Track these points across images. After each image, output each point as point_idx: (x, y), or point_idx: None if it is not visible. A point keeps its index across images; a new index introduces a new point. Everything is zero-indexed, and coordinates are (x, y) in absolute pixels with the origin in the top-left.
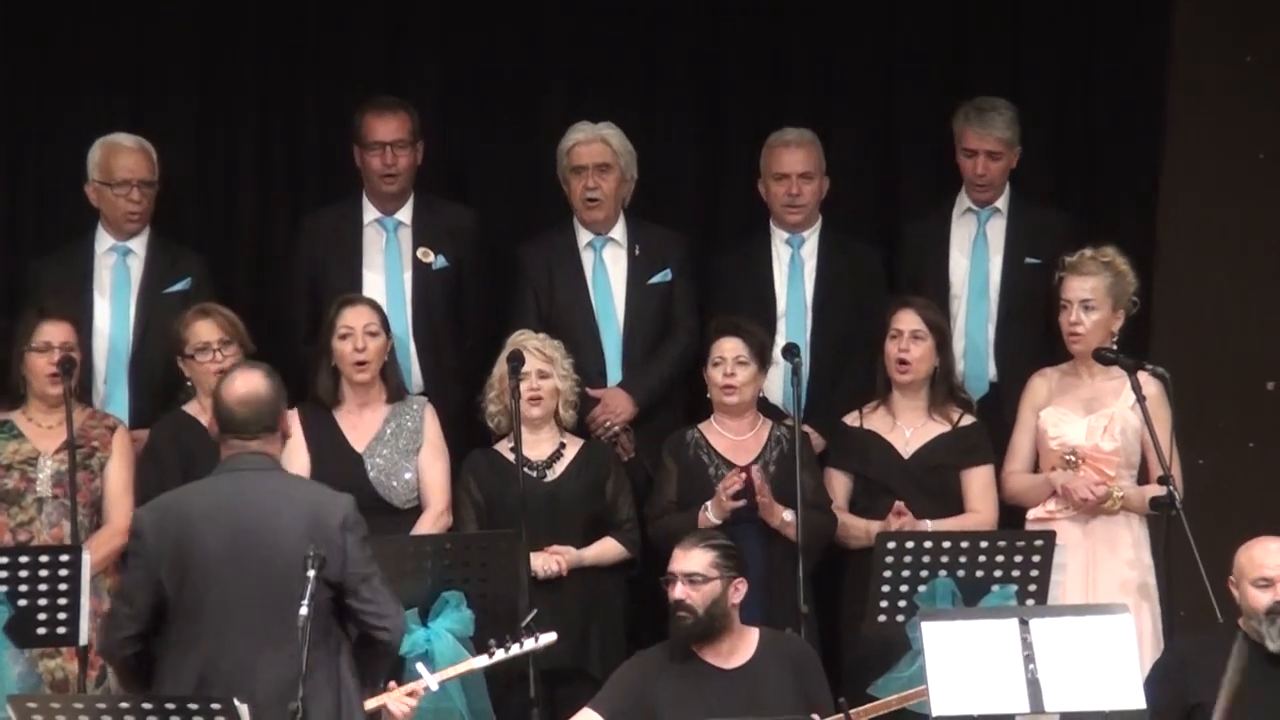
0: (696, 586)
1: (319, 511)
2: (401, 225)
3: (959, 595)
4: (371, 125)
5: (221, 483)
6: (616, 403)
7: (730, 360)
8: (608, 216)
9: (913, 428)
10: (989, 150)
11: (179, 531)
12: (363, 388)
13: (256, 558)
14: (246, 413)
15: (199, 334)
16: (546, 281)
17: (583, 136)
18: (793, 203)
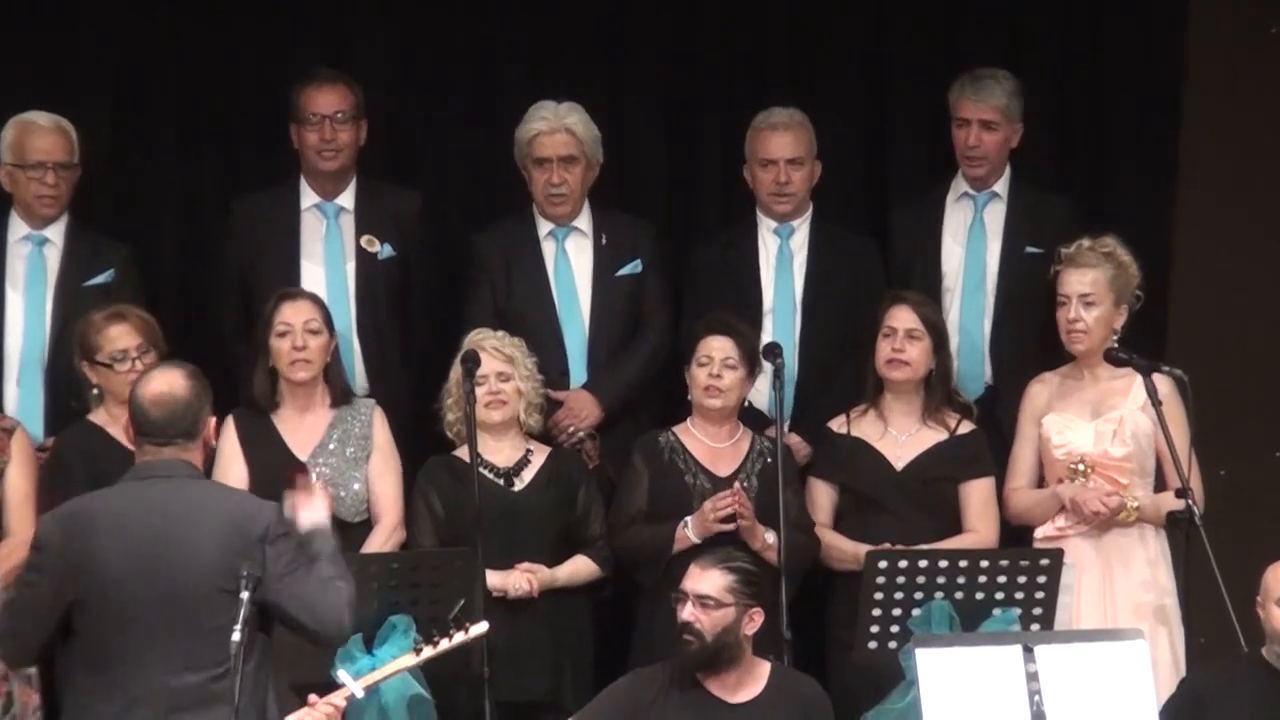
0: (707, 610)
1: (238, 523)
2: (343, 211)
3: (957, 619)
4: (309, 98)
5: (131, 491)
6: (580, 406)
7: (718, 361)
8: (573, 210)
9: (906, 435)
10: (984, 119)
11: (83, 542)
12: (304, 390)
13: (166, 574)
14: (161, 415)
15: (115, 340)
16: (504, 274)
17: (545, 126)
18: (781, 190)
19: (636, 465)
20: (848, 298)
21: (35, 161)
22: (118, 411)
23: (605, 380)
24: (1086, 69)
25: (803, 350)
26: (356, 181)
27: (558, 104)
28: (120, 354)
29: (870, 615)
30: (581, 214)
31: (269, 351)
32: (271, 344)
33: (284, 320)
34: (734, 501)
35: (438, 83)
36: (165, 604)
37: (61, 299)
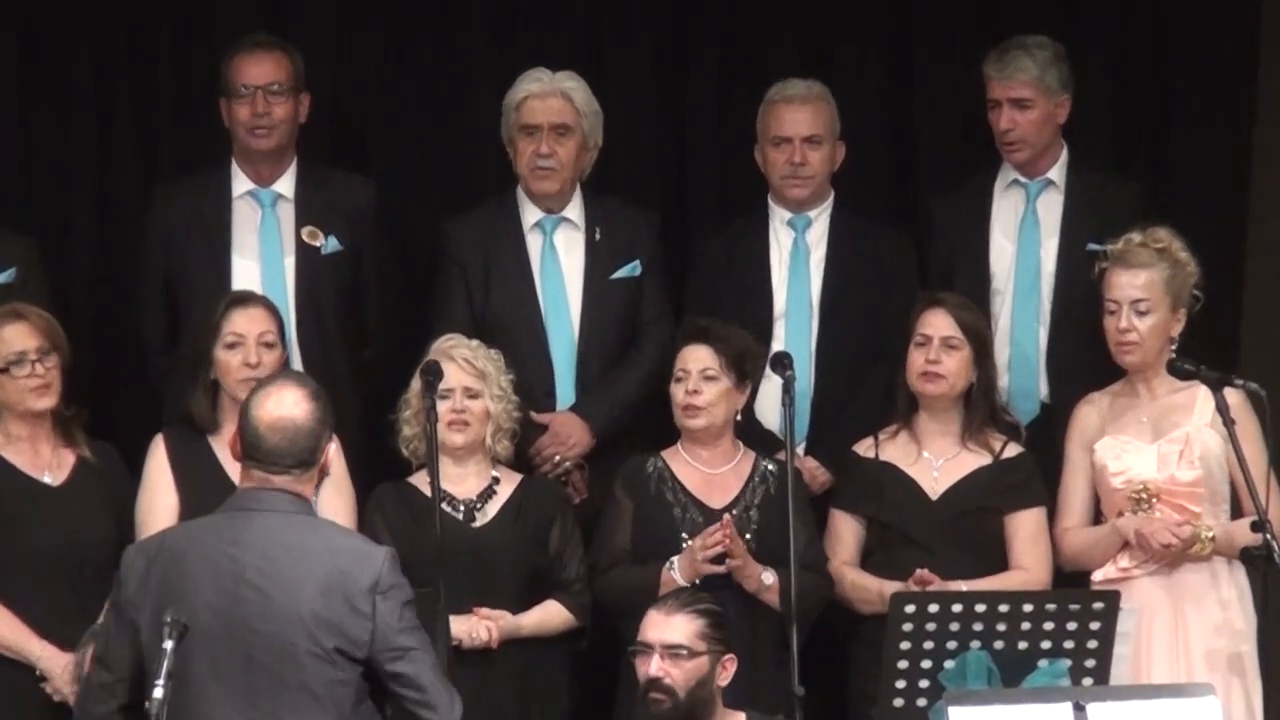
0: (678, 662)
1: (345, 569)
2: (281, 199)
3: (996, 672)
4: (240, 67)
5: (228, 524)
6: (568, 431)
7: (695, 374)
8: (561, 189)
9: (943, 460)
10: (1015, 98)
11: (167, 581)
12: None
13: (252, 625)
14: (279, 443)
15: (11, 341)
16: (481, 268)
17: (537, 89)
18: (795, 173)
19: (619, 497)
20: (873, 300)
21: None
22: (17, 429)
23: (597, 401)
24: (1146, 34)
25: (820, 361)
26: (297, 165)
27: (554, 71)
28: (17, 357)
29: (896, 667)
30: (573, 202)
31: (211, 363)
32: (217, 355)
33: (235, 330)
34: (724, 538)
35: (390, 56)
36: (252, 656)
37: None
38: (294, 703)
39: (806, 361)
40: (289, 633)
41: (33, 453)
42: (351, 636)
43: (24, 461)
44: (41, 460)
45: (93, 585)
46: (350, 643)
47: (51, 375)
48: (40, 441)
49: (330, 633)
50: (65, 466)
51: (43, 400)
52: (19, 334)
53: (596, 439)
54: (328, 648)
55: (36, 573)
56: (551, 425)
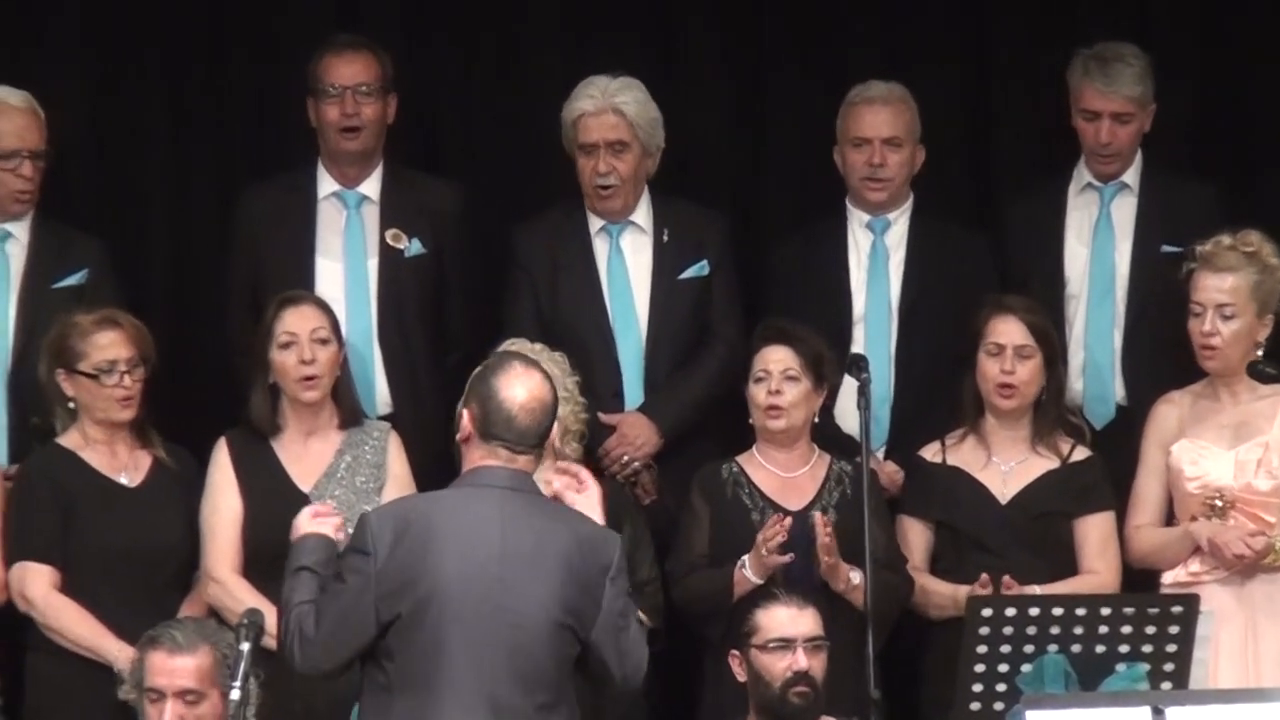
0: (818, 654)
1: (585, 553)
2: (366, 201)
3: (1074, 676)
4: (329, 67)
5: (475, 502)
6: (636, 432)
7: (777, 375)
8: (625, 205)
9: (1012, 464)
10: (1116, 112)
11: (421, 550)
12: (310, 411)
13: (506, 599)
14: (529, 421)
15: (105, 348)
16: (549, 274)
17: (591, 106)
18: (875, 175)
19: (695, 503)
20: (953, 303)
21: (8, 150)
22: (95, 432)
23: (664, 401)
24: (1224, 35)
25: (899, 364)
26: (383, 167)
27: (610, 79)
28: (109, 365)
29: (972, 671)
30: (639, 206)
31: (269, 366)
32: (273, 357)
33: (287, 329)
34: (783, 528)
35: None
36: (500, 631)
37: (27, 303)
38: (535, 676)
39: (886, 365)
40: (535, 610)
41: (110, 454)
42: (584, 617)
43: (101, 463)
44: (119, 462)
45: (167, 585)
46: (581, 623)
47: (137, 388)
48: (117, 443)
49: (569, 611)
50: (142, 468)
51: (125, 412)
52: (114, 342)
53: (664, 439)
54: (568, 625)
55: (113, 573)
56: (619, 426)
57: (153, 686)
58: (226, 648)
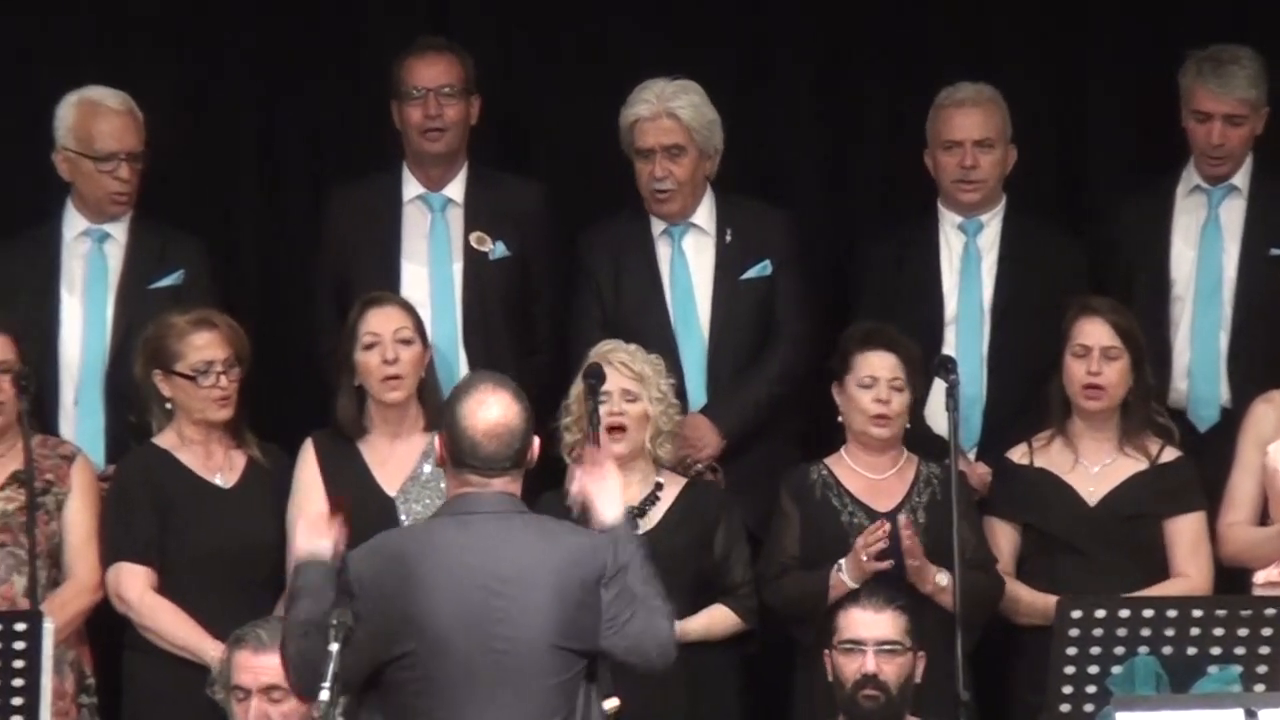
0: (891, 658)
1: (575, 568)
2: (451, 204)
3: (1165, 678)
4: (412, 69)
5: (454, 529)
6: (699, 434)
7: (884, 383)
8: (683, 208)
9: (1100, 465)
10: (1229, 114)
11: (401, 585)
12: (395, 412)
13: (499, 627)
14: (496, 448)
15: (202, 349)
16: (611, 277)
17: (646, 111)
18: (966, 177)
19: (785, 506)
20: (1046, 305)
21: (107, 152)
22: (191, 432)
23: (727, 403)
24: None
25: (992, 366)
26: (467, 169)
27: (668, 82)
28: (205, 366)
29: (1062, 672)
30: (701, 208)
31: (354, 367)
32: (357, 358)
33: (371, 330)
34: (886, 534)
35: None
36: (496, 660)
37: (124, 303)
38: (540, 701)
39: (978, 366)
40: (533, 634)
41: (205, 454)
42: (585, 634)
43: (197, 463)
44: (214, 462)
45: (262, 585)
46: (583, 640)
47: (233, 388)
48: (213, 444)
49: (569, 631)
50: (236, 469)
51: (222, 412)
52: (210, 343)
53: (727, 440)
54: (570, 646)
55: (208, 573)
56: (683, 428)
57: (238, 685)
58: None
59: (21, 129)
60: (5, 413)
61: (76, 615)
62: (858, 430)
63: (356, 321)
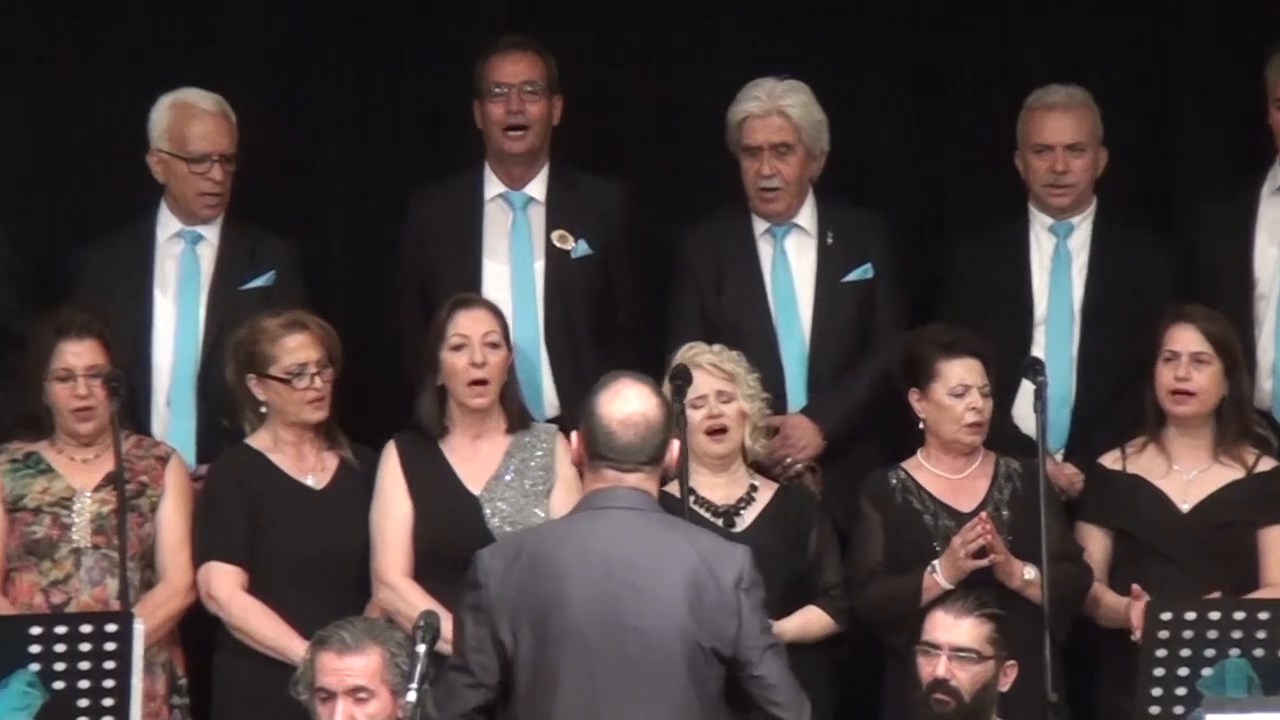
0: (966, 665)
1: (708, 566)
2: (533, 202)
3: (1257, 681)
4: (494, 67)
5: (589, 523)
6: (799, 434)
7: (976, 390)
8: (788, 207)
9: (1194, 473)
10: None
11: (533, 581)
12: (478, 414)
13: (628, 622)
14: (632, 439)
15: (294, 351)
16: (713, 276)
17: (756, 108)
18: (1058, 181)
19: (867, 511)
20: (1136, 308)
21: (199, 153)
22: (284, 434)
23: (828, 403)
24: None
25: (1082, 368)
26: (549, 168)
27: (777, 81)
28: (299, 369)
29: (1152, 674)
30: (804, 209)
31: (439, 367)
32: (444, 358)
33: (460, 331)
34: (985, 531)
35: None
36: (630, 660)
37: (216, 304)
38: (670, 701)
39: (1068, 368)
40: (666, 631)
41: (297, 456)
42: (721, 635)
43: (289, 464)
44: (306, 464)
45: (352, 586)
46: (720, 641)
47: (327, 389)
48: (305, 445)
49: (704, 631)
50: (328, 470)
51: (317, 413)
52: (303, 345)
53: (827, 441)
54: (705, 647)
55: (298, 574)
56: (782, 428)
57: (322, 686)
58: (395, 647)
59: (117, 131)
60: (98, 416)
61: (169, 617)
62: (949, 438)
63: (446, 322)
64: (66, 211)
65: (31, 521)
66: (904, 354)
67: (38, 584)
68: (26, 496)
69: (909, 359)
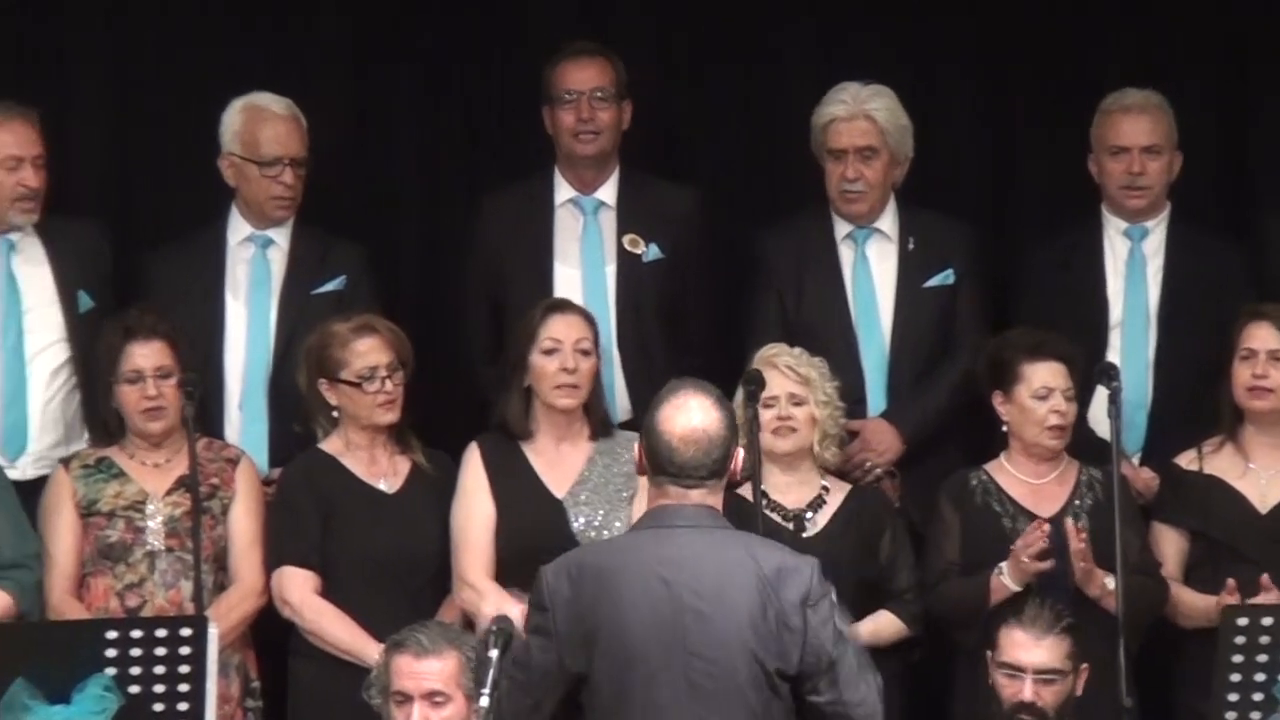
0: (1050, 685)
1: (775, 585)
2: (603, 206)
3: None
4: (564, 73)
5: (649, 542)
6: (879, 438)
7: (1060, 394)
8: (871, 210)
9: (1271, 473)
10: None
11: (596, 604)
12: (563, 418)
13: (693, 641)
14: (694, 454)
15: (365, 355)
16: (794, 279)
17: (843, 111)
18: (1133, 184)
19: (945, 512)
20: (1211, 311)
21: (272, 157)
22: (357, 438)
23: (908, 408)
24: None
25: (1158, 371)
26: (619, 172)
27: (862, 85)
28: (369, 372)
29: (1227, 680)
30: (885, 214)
31: (527, 369)
32: (533, 361)
33: (552, 336)
34: (1043, 535)
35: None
36: (694, 685)
37: (288, 308)
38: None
39: (1144, 372)
40: (730, 654)
41: (370, 460)
42: (786, 655)
43: (361, 469)
44: (378, 468)
45: (425, 590)
46: (785, 661)
47: (398, 391)
48: (378, 449)
49: (768, 653)
50: (401, 474)
51: (389, 416)
52: (373, 348)
53: (907, 446)
54: (769, 669)
55: (371, 577)
56: (863, 432)
57: (399, 690)
58: (470, 651)
59: (188, 135)
60: (167, 416)
61: (242, 619)
62: (1030, 441)
63: (538, 325)
64: (139, 216)
65: (105, 526)
66: (988, 357)
67: (112, 587)
68: (100, 501)
69: (993, 362)
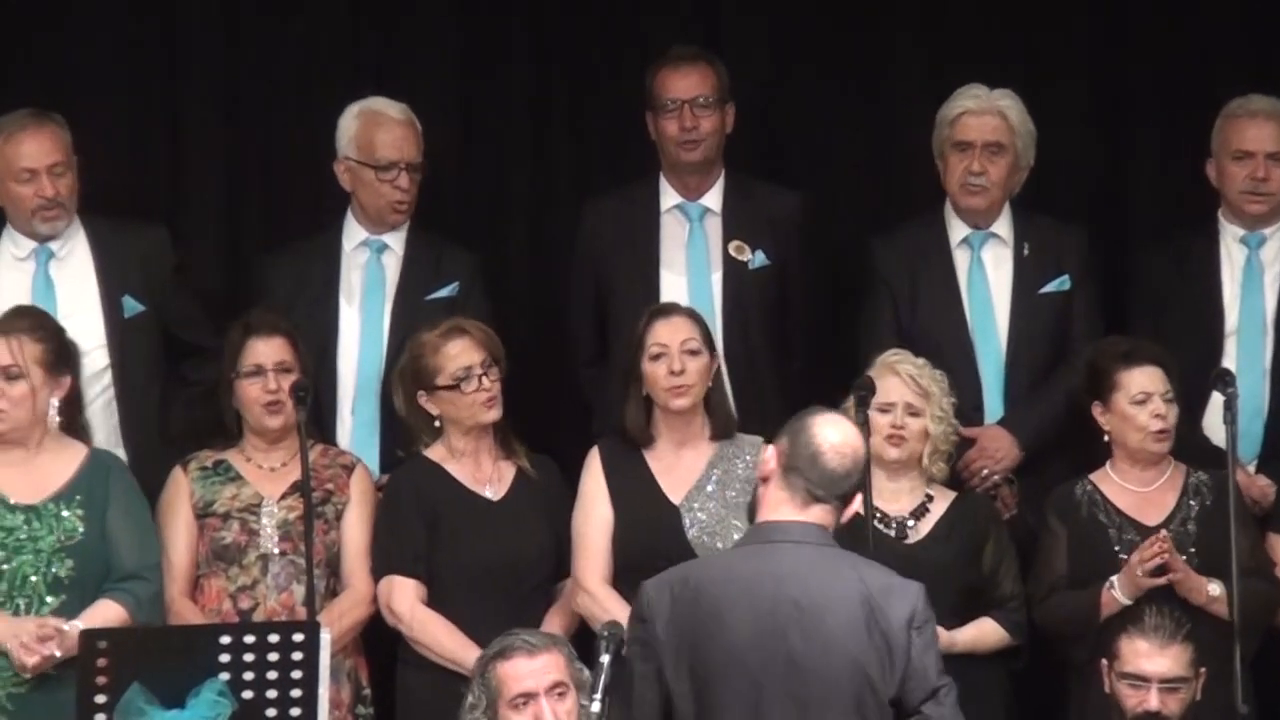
0: (1176, 694)
1: (881, 605)
2: (709, 213)
3: None
4: (666, 81)
5: (757, 559)
6: (997, 445)
7: (1159, 397)
8: (990, 207)
9: None
10: None
11: (698, 618)
12: (681, 420)
13: (794, 661)
14: (837, 466)
15: (457, 357)
16: (908, 285)
17: (974, 105)
18: (1256, 189)
19: (1052, 524)
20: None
21: (388, 161)
22: (461, 444)
23: (1025, 415)
24: None
25: (1275, 379)
26: (724, 179)
27: (991, 88)
28: (464, 372)
29: None
30: (1001, 219)
31: (641, 377)
32: (644, 368)
33: (658, 341)
34: (1162, 548)
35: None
36: (796, 700)
37: (401, 314)
38: None
39: (1260, 379)
40: (833, 671)
41: (475, 466)
42: (888, 675)
43: (466, 475)
44: (483, 474)
45: (531, 598)
46: (886, 682)
47: (496, 388)
48: (482, 455)
49: (871, 671)
50: (505, 480)
51: (491, 412)
52: (464, 349)
53: (1024, 453)
54: (872, 687)
55: (477, 586)
56: (979, 439)
57: (521, 693)
58: (569, 651)
59: (304, 140)
60: (287, 412)
61: (353, 626)
62: (1134, 447)
63: (644, 332)
64: (254, 220)
65: (220, 527)
66: (1085, 368)
67: (225, 589)
68: (216, 503)
69: (1090, 373)
